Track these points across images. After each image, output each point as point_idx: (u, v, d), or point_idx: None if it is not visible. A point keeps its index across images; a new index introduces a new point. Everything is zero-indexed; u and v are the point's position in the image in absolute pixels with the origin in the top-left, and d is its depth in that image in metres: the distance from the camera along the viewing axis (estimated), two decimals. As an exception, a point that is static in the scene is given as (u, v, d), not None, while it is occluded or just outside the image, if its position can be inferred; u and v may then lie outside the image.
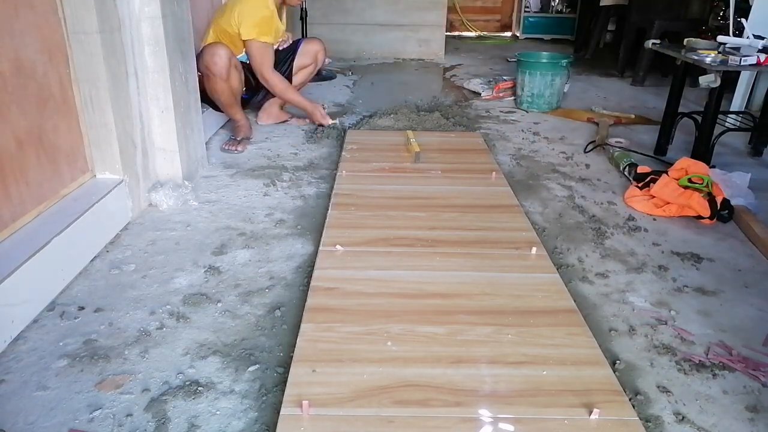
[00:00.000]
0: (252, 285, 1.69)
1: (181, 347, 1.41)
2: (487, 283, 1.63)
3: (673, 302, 1.66)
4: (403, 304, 1.52)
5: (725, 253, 1.95)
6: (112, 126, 1.90)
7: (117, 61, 1.91)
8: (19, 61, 1.57)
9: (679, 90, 2.82)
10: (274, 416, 1.18)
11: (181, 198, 2.16)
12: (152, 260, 1.80)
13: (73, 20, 1.76)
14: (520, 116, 3.55)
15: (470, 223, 2.00)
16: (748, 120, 2.90)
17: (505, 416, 1.16)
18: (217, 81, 2.65)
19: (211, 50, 2.62)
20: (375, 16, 5.36)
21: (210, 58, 2.60)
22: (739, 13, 3.30)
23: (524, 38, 6.83)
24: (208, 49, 2.63)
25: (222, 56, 2.61)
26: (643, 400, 1.28)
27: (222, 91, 2.69)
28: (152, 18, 2.05)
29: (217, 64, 2.60)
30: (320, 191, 2.35)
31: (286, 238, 1.96)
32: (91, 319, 1.51)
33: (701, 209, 2.11)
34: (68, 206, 1.75)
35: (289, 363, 1.31)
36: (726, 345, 1.48)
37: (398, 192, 2.25)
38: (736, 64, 2.41)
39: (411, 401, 1.19)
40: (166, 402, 1.24)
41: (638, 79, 4.51)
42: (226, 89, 2.70)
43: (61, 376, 1.31)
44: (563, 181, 2.52)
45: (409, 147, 2.70)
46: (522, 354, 1.34)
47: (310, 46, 3.13)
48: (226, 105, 2.79)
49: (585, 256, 1.89)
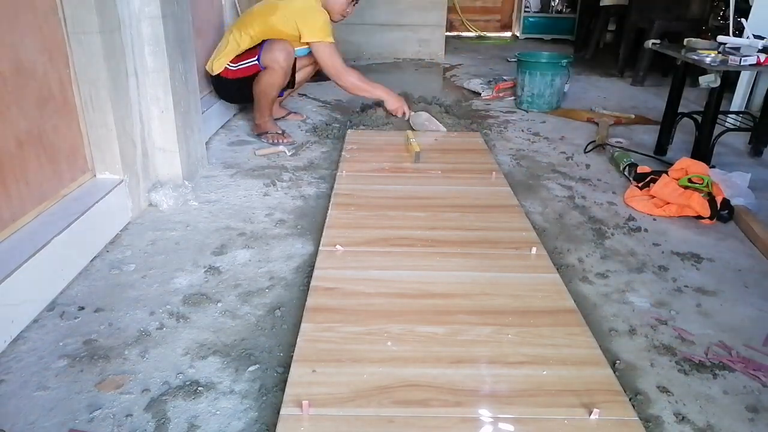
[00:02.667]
0: (252, 285, 1.69)
1: (181, 347, 1.41)
2: (487, 283, 1.63)
3: (673, 302, 1.66)
4: (403, 304, 1.52)
5: (725, 253, 1.95)
6: (112, 126, 1.90)
7: (117, 61, 1.91)
8: (19, 61, 1.57)
9: (679, 90, 2.82)
10: (274, 416, 1.18)
11: (181, 198, 2.16)
12: (152, 260, 1.80)
13: (73, 20, 1.76)
14: (520, 116, 3.55)
15: (470, 223, 2.00)
16: (748, 120, 2.90)
17: (505, 416, 1.16)
18: (281, 75, 2.79)
19: (281, 44, 2.77)
20: (375, 16, 5.36)
21: (280, 51, 2.75)
22: (739, 13, 3.31)
23: (524, 38, 6.83)
24: (278, 44, 2.77)
25: (291, 53, 2.80)
26: (643, 400, 1.28)
27: (279, 86, 2.85)
28: (152, 18, 2.05)
29: (287, 59, 2.77)
30: (320, 191, 2.35)
31: (286, 238, 1.96)
32: (91, 319, 1.51)
33: (701, 209, 2.11)
34: (68, 206, 1.75)
35: (289, 363, 1.31)
36: (726, 345, 1.48)
37: (398, 192, 2.25)
38: (736, 64, 2.41)
39: (411, 401, 1.19)
40: (166, 402, 1.24)
41: (638, 79, 4.51)
42: (282, 84, 2.86)
43: (61, 376, 1.31)
44: (563, 181, 2.52)
45: (409, 147, 2.69)
46: (522, 354, 1.34)
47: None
48: (272, 100, 2.91)
49: (585, 256, 1.89)
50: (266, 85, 2.82)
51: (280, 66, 2.76)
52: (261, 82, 2.81)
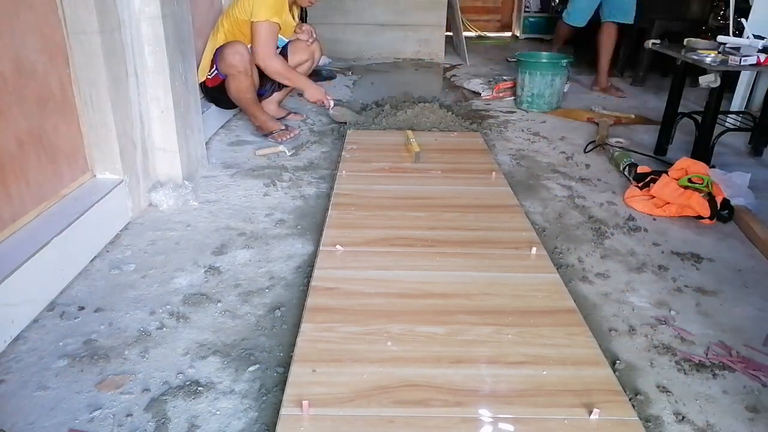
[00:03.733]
0: (252, 285, 1.69)
1: (181, 347, 1.41)
2: (487, 283, 1.63)
3: (673, 302, 1.66)
4: (403, 304, 1.52)
5: (725, 253, 1.95)
6: (112, 126, 1.90)
7: (117, 61, 1.91)
8: (19, 61, 1.57)
9: (679, 90, 2.82)
10: (274, 416, 1.18)
11: (181, 198, 2.16)
12: (152, 260, 1.80)
13: (73, 20, 1.76)
14: (520, 116, 3.55)
15: (470, 223, 2.00)
16: (748, 120, 2.90)
17: (505, 416, 1.16)
18: (243, 78, 2.68)
19: (231, 48, 2.65)
20: (375, 16, 5.36)
21: (232, 56, 2.63)
22: (739, 13, 3.31)
23: (524, 38, 6.83)
24: (228, 48, 2.65)
25: (243, 52, 2.65)
26: (643, 400, 1.28)
27: (248, 88, 2.74)
28: (152, 18, 2.05)
29: (241, 60, 2.64)
30: (320, 191, 2.35)
31: (286, 238, 1.96)
32: (91, 319, 1.51)
33: (701, 209, 2.11)
34: (68, 206, 1.75)
35: (289, 363, 1.31)
36: (726, 345, 1.48)
37: (398, 192, 2.25)
38: (736, 64, 2.41)
39: (411, 401, 1.20)
40: (166, 402, 1.24)
41: (638, 79, 4.51)
42: (251, 85, 2.75)
43: (61, 376, 1.31)
44: (563, 181, 2.52)
45: (409, 147, 2.70)
46: (522, 354, 1.34)
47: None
48: (251, 102, 2.82)
49: (585, 256, 1.89)
50: (236, 92, 2.74)
51: (237, 71, 2.65)
52: (231, 90, 2.74)
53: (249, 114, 2.91)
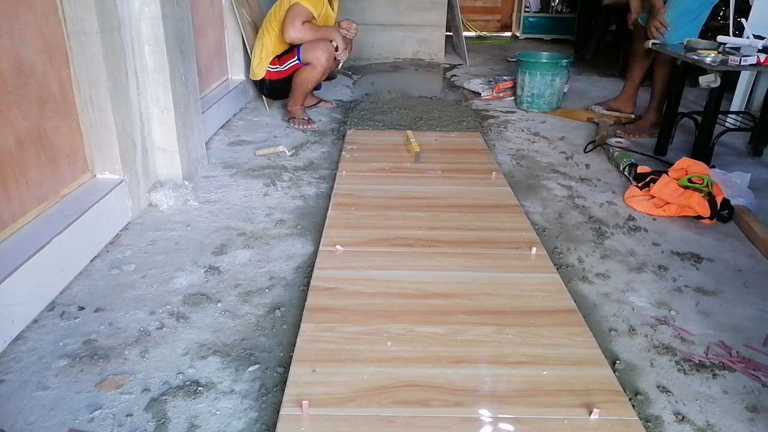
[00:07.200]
0: (252, 285, 1.69)
1: (181, 347, 1.41)
2: (487, 283, 1.63)
3: (673, 302, 1.66)
4: (403, 304, 1.52)
5: (725, 253, 1.95)
6: (112, 126, 1.90)
7: (117, 61, 1.91)
8: (19, 61, 1.57)
9: (679, 90, 2.82)
10: (274, 416, 1.18)
11: (181, 198, 2.16)
12: (152, 260, 1.80)
13: (73, 20, 1.76)
14: (520, 116, 3.55)
15: (470, 223, 2.00)
16: (748, 120, 2.90)
17: (505, 416, 1.16)
18: (320, 73, 3.13)
19: (326, 46, 3.08)
20: (375, 16, 5.35)
21: (323, 53, 3.07)
22: (739, 13, 3.31)
23: (524, 38, 6.83)
24: (323, 44, 3.07)
25: (332, 53, 3.12)
26: (643, 400, 1.28)
27: (316, 81, 3.21)
28: (152, 18, 2.05)
29: (329, 60, 3.10)
30: (320, 191, 2.35)
31: (286, 238, 1.96)
32: (91, 319, 1.51)
33: (701, 209, 2.11)
34: (68, 206, 1.75)
35: (289, 363, 1.31)
36: (726, 345, 1.48)
37: (398, 192, 2.25)
38: (736, 64, 2.41)
39: (411, 401, 1.19)
40: (166, 402, 1.24)
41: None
42: (319, 79, 3.22)
43: (61, 376, 1.31)
44: (563, 181, 2.52)
45: (409, 147, 2.70)
46: (522, 354, 1.34)
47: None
48: (307, 91, 3.25)
49: (585, 256, 1.89)
50: (304, 79, 3.14)
51: (321, 65, 3.08)
52: (301, 75, 3.13)
53: (296, 97, 3.22)
